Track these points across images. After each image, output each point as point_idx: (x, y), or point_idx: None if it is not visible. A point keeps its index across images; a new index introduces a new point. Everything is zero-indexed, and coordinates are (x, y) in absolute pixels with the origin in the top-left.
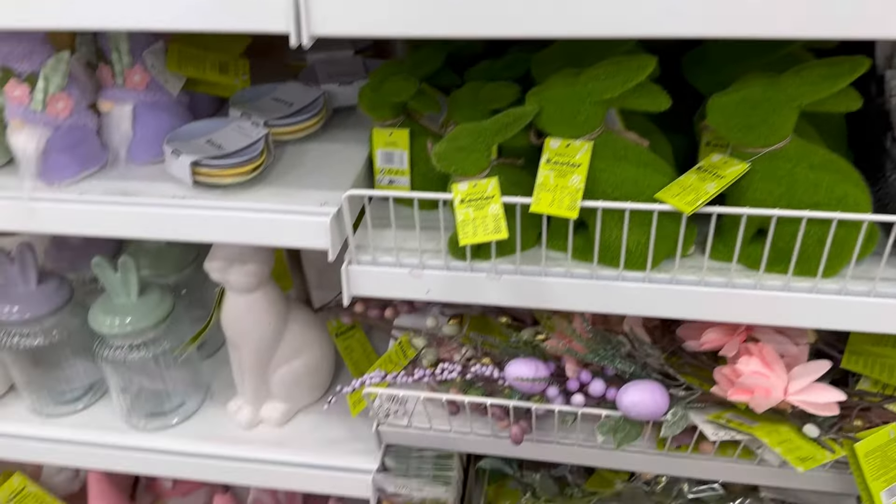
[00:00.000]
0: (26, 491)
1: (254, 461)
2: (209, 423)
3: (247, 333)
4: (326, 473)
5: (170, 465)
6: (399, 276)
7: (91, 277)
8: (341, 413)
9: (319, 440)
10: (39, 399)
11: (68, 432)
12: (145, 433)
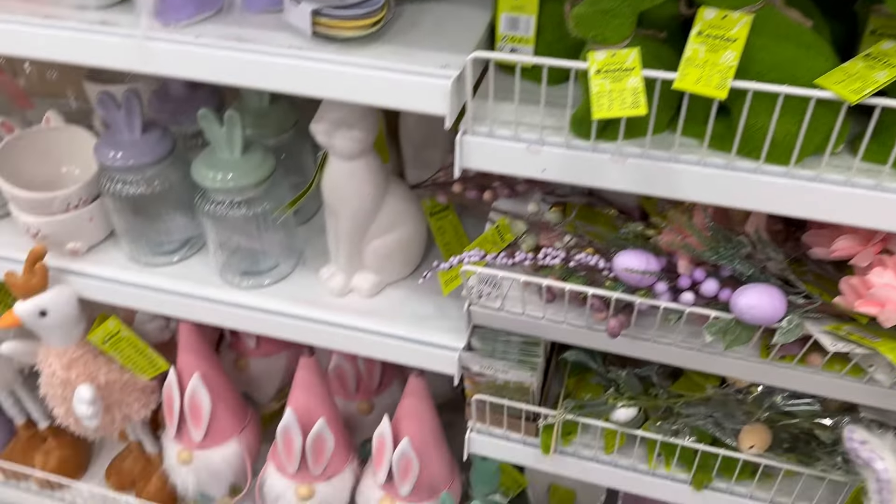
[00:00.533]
0: (120, 335)
1: (343, 327)
2: (301, 286)
3: (346, 200)
4: (412, 346)
5: (261, 323)
6: (515, 151)
7: (191, 133)
8: (431, 291)
9: (408, 314)
10: (137, 248)
11: (164, 282)
12: (238, 290)
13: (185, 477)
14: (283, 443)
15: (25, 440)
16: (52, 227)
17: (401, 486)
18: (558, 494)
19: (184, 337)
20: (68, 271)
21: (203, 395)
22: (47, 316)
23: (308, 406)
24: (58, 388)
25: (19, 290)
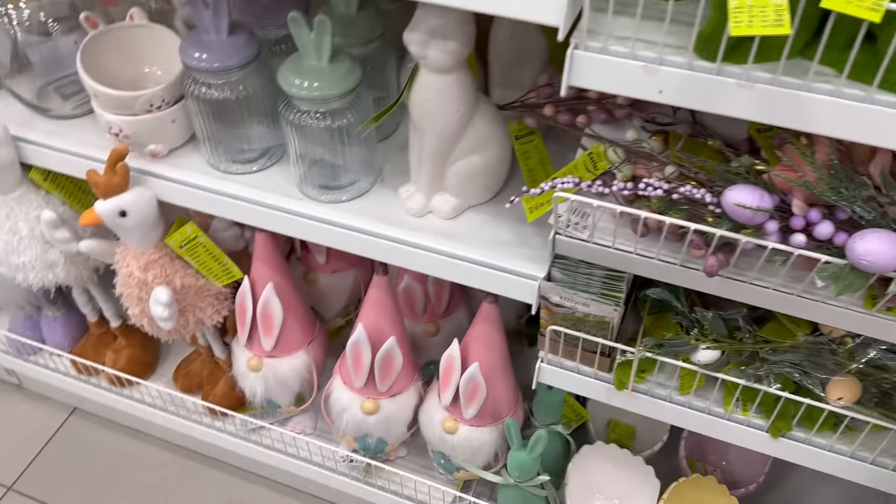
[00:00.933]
0: (198, 240)
1: (421, 247)
2: (378, 204)
3: (434, 117)
4: (491, 272)
5: (338, 237)
6: (631, 69)
7: (275, 38)
8: (511, 217)
9: (487, 239)
10: (218, 154)
11: (243, 190)
12: (316, 203)
13: (254, 384)
14: (352, 358)
15: (97, 337)
16: (134, 128)
17: (466, 409)
18: (618, 429)
19: (259, 247)
20: (149, 173)
21: (275, 305)
22: (127, 216)
23: (378, 323)
24: (134, 289)
25: (101, 188)
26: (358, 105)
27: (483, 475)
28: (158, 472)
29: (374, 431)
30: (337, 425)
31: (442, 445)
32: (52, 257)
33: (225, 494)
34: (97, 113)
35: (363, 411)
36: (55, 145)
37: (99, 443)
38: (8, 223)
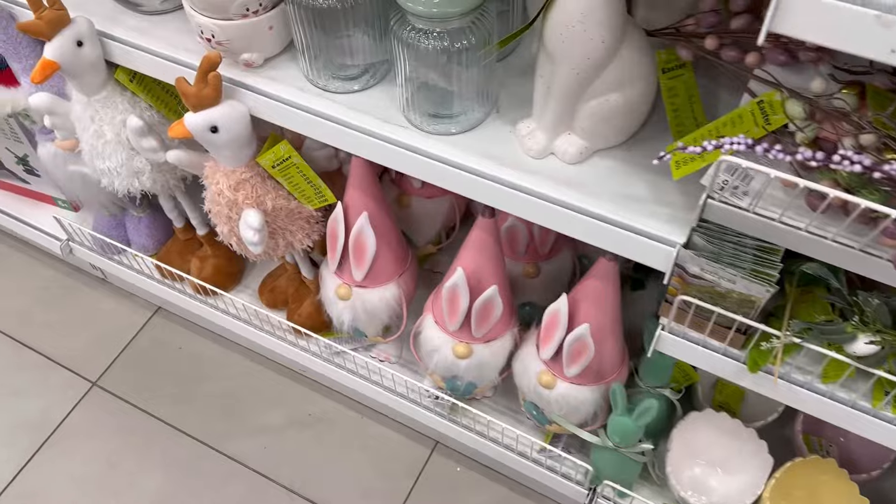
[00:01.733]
0: (291, 160)
1: (538, 195)
2: (492, 140)
3: (574, 46)
4: (618, 231)
5: (443, 175)
6: (857, 18)
7: None
8: (646, 166)
9: (616, 191)
10: (316, 67)
11: (343, 112)
12: (422, 134)
13: (342, 312)
14: (448, 301)
15: (183, 242)
16: (228, 33)
17: (568, 368)
18: (726, 391)
19: (355, 172)
20: (242, 85)
21: (369, 236)
22: (219, 132)
23: (479, 268)
24: (223, 208)
25: (191, 100)
26: (482, 24)
27: (579, 433)
28: (241, 380)
29: (464, 375)
30: (425, 363)
31: (536, 398)
32: (137, 164)
33: (305, 408)
34: (188, 13)
35: (455, 355)
36: (142, 45)
37: (183, 345)
38: (93, 126)
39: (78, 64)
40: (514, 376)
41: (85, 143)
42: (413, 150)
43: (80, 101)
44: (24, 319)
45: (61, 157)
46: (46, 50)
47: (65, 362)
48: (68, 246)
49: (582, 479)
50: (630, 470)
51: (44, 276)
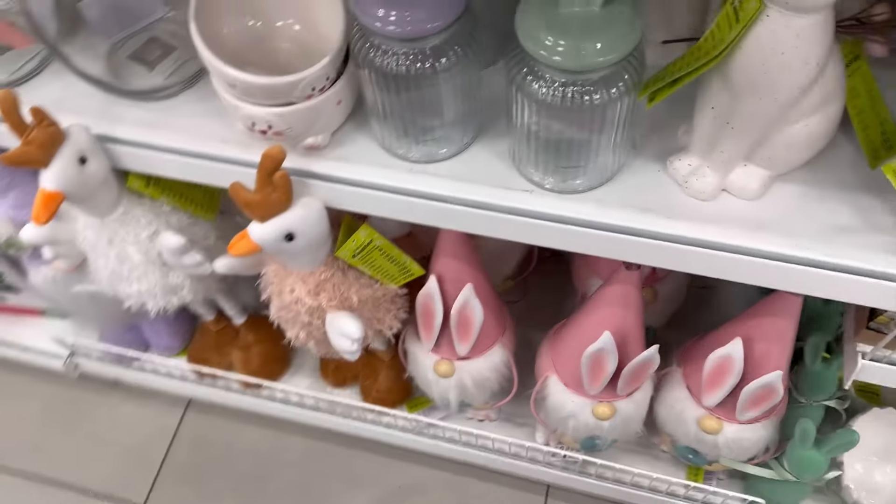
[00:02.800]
0: (373, 244)
1: (720, 247)
2: (636, 190)
3: (780, 75)
4: (833, 275)
5: (585, 240)
6: None
7: None
8: (836, 185)
9: (817, 225)
10: (396, 137)
11: (447, 186)
12: (552, 195)
13: (446, 391)
14: (591, 367)
15: (215, 334)
16: (290, 120)
17: (744, 413)
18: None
19: (447, 240)
20: (308, 174)
21: (476, 308)
22: (295, 239)
23: (623, 326)
24: (302, 316)
25: (258, 209)
26: (635, 65)
27: (752, 471)
28: (310, 465)
29: (607, 435)
30: (553, 426)
31: (696, 443)
32: (174, 280)
33: (391, 481)
34: (228, 105)
35: (597, 417)
36: (159, 143)
37: (231, 440)
38: (113, 251)
39: (85, 186)
40: (660, 421)
41: (103, 270)
42: (541, 216)
43: (91, 225)
44: (37, 451)
45: (62, 281)
46: (45, 180)
47: (101, 490)
48: (73, 363)
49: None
50: (798, 494)
51: (44, 393)
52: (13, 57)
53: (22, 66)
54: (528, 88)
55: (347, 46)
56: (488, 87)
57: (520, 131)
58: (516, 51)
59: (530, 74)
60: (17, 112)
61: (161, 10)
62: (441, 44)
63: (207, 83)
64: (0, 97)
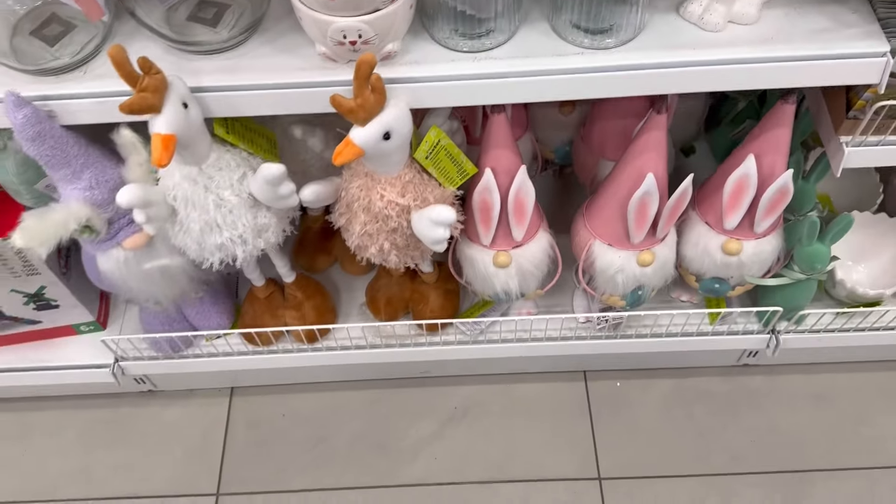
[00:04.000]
0: (440, 144)
1: (740, 61)
2: (662, 37)
3: None
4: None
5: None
6: None
7: None
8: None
9: (805, 32)
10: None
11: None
12: (600, 53)
13: (507, 280)
14: (637, 212)
15: (264, 301)
16: (377, 26)
17: (762, 222)
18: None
19: (496, 130)
20: (391, 81)
21: (530, 189)
22: (391, 138)
23: (659, 167)
24: (393, 220)
25: (360, 113)
26: None
27: (771, 282)
28: (367, 415)
29: (649, 282)
30: (602, 289)
31: (721, 270)
32: (262, 221)
33: (446, 405)
34: (317, 20)
35: (641, 265)
36: (247, 83)
37: (284, 411)
38: (210, 196)
39: (189, 129)
40: (686, 262)
41: (196, 222)
42: (603, 69)
43: (188, 175)
44: (92, 475)
45: (133, 259)
46: (159, 124)
47: (172, 492)
48: (119, 367)
49: (761, 327)
50: (806, 294)
51: (80, 420)
52: (76, 37)
53: (83, 47)
54: None
55: None
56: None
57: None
58: None
59: None
60: (128, 63)
61: None
62: None
63: (265, 29)
64: (113, 51)
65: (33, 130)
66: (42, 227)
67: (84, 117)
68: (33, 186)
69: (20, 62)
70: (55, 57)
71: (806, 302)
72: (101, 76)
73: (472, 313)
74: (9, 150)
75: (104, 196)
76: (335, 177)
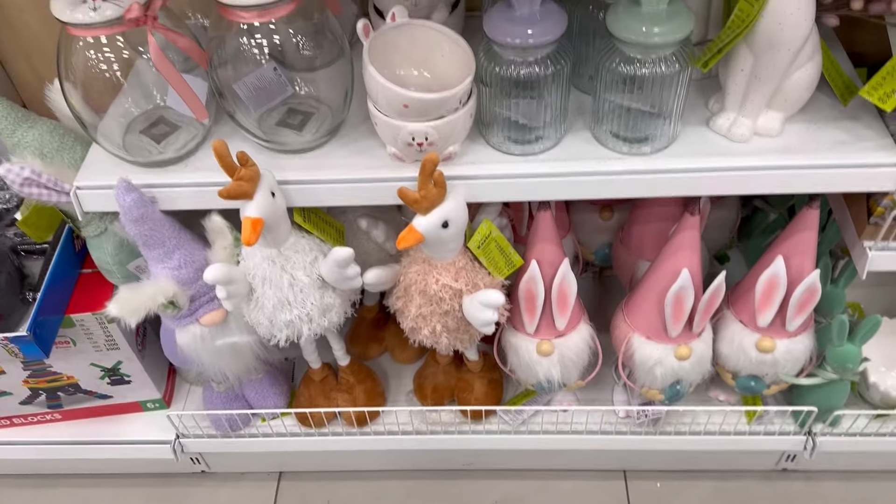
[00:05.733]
0: (491, 235)
1: (766, 168)
2: (693, 146)
3: (791, 30)
4: (845, 171)
5: (664, 185)
6: None
7: None
8: (830, 118)
9: (825, 143)
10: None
11: (557, 167)
12: (638, 158)
13: (549, 369)
14: (674, 307)
15: (319, 384)
16: (442, 131)
17: (793, 321)
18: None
19: (542, 226)
20: (450, 177)
21: (572, 280)
22: (449, 226)
23: (694, 265)
24: (447, 303)
25: (423, 203)
26: (689, 46)
27: (804, 381)
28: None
29: (687, 376)
30: (641, 382)
31: (756, 367)
32: (328, 300)
33: (489, 497)
34: (389, 125)
35: (678, 358)
36: (327, 178)
37: (329, 497)
38: (286, 276)
39: (275, 215)
40: (722, 359)
41: (270, 299)
42: (641, 172)
43: (268, 256)
44: None
45: (208, 335)
46: (250, 209)
47: None
48: (179, 444)
49: (797, 428)
50: (840, 395)
51: (137, 499)
52: (180, 136)
53: (186, 144)
54: (617, 69)
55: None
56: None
57: (605, 113)
58: (607, 44)
59: (618, 57)
60: (229, 156)
61: (291, 90)
62: (552, 53)
63: (343, 134)
64: (217, 145)
65: (138, 213)
66: (134, 299)
67: (182, 203)
68: (125, 266)
69: (131, 155)
70: (161, 152)
71: (840, 403)
72: (198, 169)
73: (515, 403)
74: (109, 233)
75: (190, 275)
76: (394, 263)
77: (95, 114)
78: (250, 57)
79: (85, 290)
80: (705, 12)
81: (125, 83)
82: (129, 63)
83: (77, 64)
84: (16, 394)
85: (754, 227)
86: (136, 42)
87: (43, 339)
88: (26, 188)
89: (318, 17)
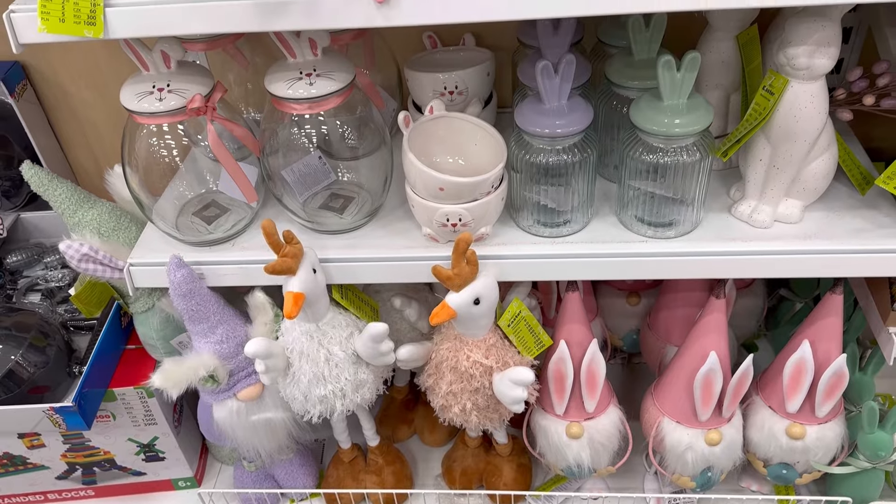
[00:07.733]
0: (521, 315)
1: (789, 252)
2: (716, 231)
3: (807, 122)
4: (864, 257)
5: (693, 266)
6: None
7: None
8: (848, 206)
9: (844, 230)
10: (538, 221)
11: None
12: (662, 241)
13: (579, 452)
14: (703, 390)
15: (348, 465)
16: (475, 213)
17: (821, 407)
18: None
19: (572, 307)
20: (482, 256)
21: (600, 362)
22: (480, 303)
23: (722, 349)
24: (477, 380)
25: (455, 280)
26: (709, 137)
27: (836, 470)
28: None
29: (718, 462)
30: (672, 468)
31: (787, 455)
32: (361, 376)
33: None
34: (426, 208)
35: (709, 444)
36: (366, 256)
37: None
38: (322, 351)
39: (315, 290)
40: (753, 446)
41: (306, 374)
42: (665, 254)
43: (306, 330)
44: None
45: (244, 410)
46: (293, 284)
47: None
48: None
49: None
50: (875, 485)
51: None
52: (230, 218)
53: (234, 225)
54: (641, 158)
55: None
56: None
57: (630, 199)
58: (630, 134)
59: (641, 146)
60: (276, 234)
61: (333, 177)
62: (578, 142)
63: (381, 217)
64: (266, 224)
65: (187, 288)
66: (177, 371)
67: (228, 280)
68: (168, 342)
69: (182, 234)
70: (210, 232)
71: (876, 494)
72: (245, 248)
73: (545, 489)
74: (155, 309)
75: (231, 350)
76: (427, 341)
77: (152, 196)
78: (299, 145)
79: (127, 365)
80: (724, 108)
81: (182, 167)
82: (186, 150)
83: (140, 149)
84: (53, 468)
85: (780, 316)
86: (195, 130)
87: (86, 410)
88: (84, 264)
89: (362, 110)
